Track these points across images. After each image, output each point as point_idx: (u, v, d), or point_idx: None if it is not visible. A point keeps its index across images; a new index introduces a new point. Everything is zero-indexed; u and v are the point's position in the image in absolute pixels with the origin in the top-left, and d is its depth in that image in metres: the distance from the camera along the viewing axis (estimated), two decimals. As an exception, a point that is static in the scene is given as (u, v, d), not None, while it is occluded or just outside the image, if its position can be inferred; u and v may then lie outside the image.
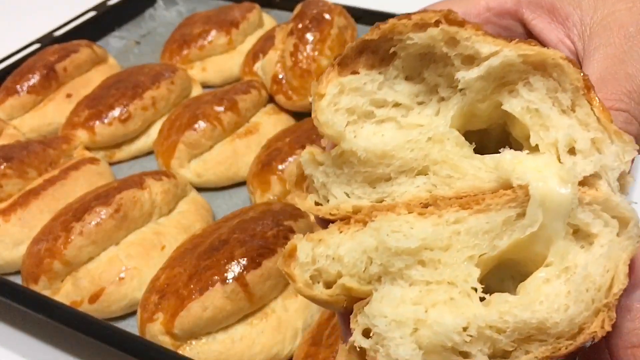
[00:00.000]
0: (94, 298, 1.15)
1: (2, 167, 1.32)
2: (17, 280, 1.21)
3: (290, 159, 1.31)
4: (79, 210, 1.19)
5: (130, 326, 1.13)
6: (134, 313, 1.16)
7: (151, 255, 1.20)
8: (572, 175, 0.44)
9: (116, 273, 1.17)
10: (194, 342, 1.06)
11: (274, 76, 1.53)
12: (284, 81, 1.52)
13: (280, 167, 1.31)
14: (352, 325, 0.47)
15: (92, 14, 1.91)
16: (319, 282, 0.49)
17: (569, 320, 0.43)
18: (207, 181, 1.43)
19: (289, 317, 1.08)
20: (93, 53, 1.71)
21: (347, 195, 0.50)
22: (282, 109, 1.55)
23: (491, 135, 0.52)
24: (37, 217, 1.27)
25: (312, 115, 0.50)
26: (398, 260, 0.46)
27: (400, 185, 0.49)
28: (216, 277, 1.04)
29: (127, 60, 1.85)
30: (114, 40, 1.93)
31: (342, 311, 0.51)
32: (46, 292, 1.16)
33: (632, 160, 0.45)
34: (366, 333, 0.47)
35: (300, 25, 1.53)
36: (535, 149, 0.47)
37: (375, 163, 0.49)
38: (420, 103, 0.50)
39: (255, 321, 1.07)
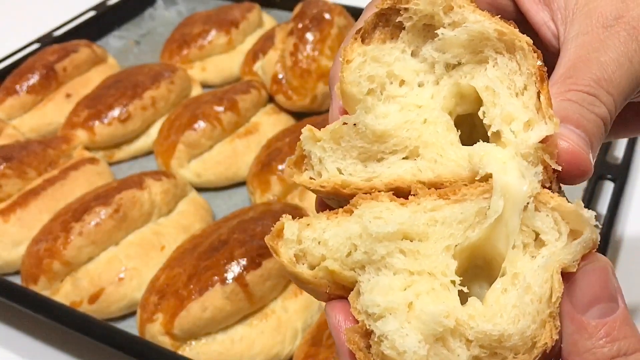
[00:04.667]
0: (93, 298, 1.15)
1: (2, 167, 1.32)
2: (17, 280, 1.20)
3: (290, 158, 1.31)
4: (78, 211, 1.19)
5: (130, 327, 1.13)
6: (133, 313, 1.16)
7: (151, 255, 1.20)
8: (532, 172, 0.47)
9: (116, 273, 1.16)
10: (193, 342, 1.06)
11: (273, 76, 1.53)
12: (283, 81, 1.51)
13: (280, 167, 1.31)
14: (355, 315, 0.49)
15: (91, 13, 1.91)
16: (303, 264, 0.52)
17: (521, 333, 0.45)
18: (206, 181, 1.43)
19: (289, 317, 1.08)
20: (93, 53, 1.71)
21: (340, 171, 0.54)
22: (282, 109, 1.55)
23: (477, 125, 0.55)
24: (36, 217, 1.27)
25: (340, 79, 0.54)
26: (380, 247, 0.49)
27: (390, 167, 0.53)
28: (216, 277, 1.04)
29: (127, 60, 1.85)
30: (114, 40, 1.93)
31: (325, 298, 0.53)
32: (45, 293, 1.16)
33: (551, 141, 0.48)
34: (367, 330, 0.48)
35: (300, 25, 1.52)
36: (498, 138, 0.50)
37: (371, 140, 0.53)
38: (419, 84, 0.55)
39: (255, 322, 1.07)
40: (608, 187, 1.24)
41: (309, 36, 1.50)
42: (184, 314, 1.03)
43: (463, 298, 0.49)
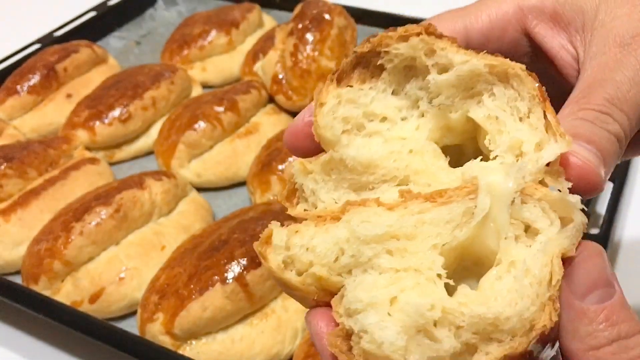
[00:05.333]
0: (94, 298, 1.15)
1: (3, 167, 1.32)
2: (17, 280, 1.21)
3: (290, 159, 1.31)
4: (79, 211, 1.19)
5: (131, 326, 1.13)
6: (134, 313, 1.16)
7: (151, 255, 1.20)
8: (516, 169, 0.48)
9: (116, 273, 1.17)
10: (194, 342, 1.06)
11: (274, 76, 1.53)
12: (284, 81, 1.52)
13: (280, 167, 1.31)
14: (336, 318, 0.49)
15: (92, 14, 1.91)
16: (291, 270, 0.52)
17: (519, 315, 0.45)
18: (207, 181, 1.43)
19: (289, 317, 1.08)
20: (93, 53, 1.71)
21: (335, 201, 0.54)
22: (282, 109, 1.55)
23: (466, 154, 0.57)
24: (37, 217, 1.27)
25: (314, 120, 0.55)
26: (367, 249, 0.50)
27: (383, 195, 0.53)
28: (216, 277, 1.05)
29: (127, 61, 1.85)
30: (114, 41, 1.93)
31: (312, 305, 0.53)
32: (46, 292, 1.17)
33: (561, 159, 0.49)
34: (348, 332, 0.49)
35: (300, 26, 1.53)
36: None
37: (360, 171, 0.54)
38: (403, 119, 0.56)
39: (255, 321, 1.08)
40: (607, 187, 1.24)
41: (309, 36, 1.51)
42: (184, 313, 1.03)
43: (451, 293, 0.49)
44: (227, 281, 1.04)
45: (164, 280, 1.09)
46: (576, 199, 0.47)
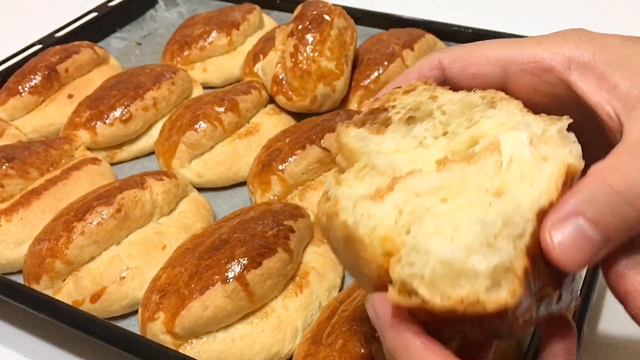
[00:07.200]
0: (95, 297, 1.15)
1: (4, 167, 1.33)
2: (19, 279, 1.21)
3: (290, 159, 1.31)
4: (80, 210, 1.20)
5: (132, 325, 1.14)
6: (135, 312, 1.16)
7: (152, 254, 1.20)
8: (523, 123, 0.60)
9: (117, 272, 1.17)
10: (194, 341, 1.06)
11: (274, 77, 1.53)
12: (284, 82, 1.52)
13: (280, 167, 1.31)
14: (392, 274, 0.54)
15: (93, 15, 1.92)
16: None
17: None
18: (207, 181, 1.43)
19: (289, 316, 1.09)
20: (94, 54, 1.72)
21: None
22: (282, 109, 1.56)
23: None
24: (38, 216, 1.28)
25: (339, 138, 0.63)
26: (424, 200, 0.57)
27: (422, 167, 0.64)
28: (217, 276, 1.05)
29: (128, 61, 1.86)
30: (115, 41, 1.94)
31: (375, 273, 0.56)
32: (48, 292, 1.17)
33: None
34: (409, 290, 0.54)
35: (300, 27, 1.53)
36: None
37: (389, 174, 0.62)
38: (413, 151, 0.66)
39: (255, 320, 1.08)
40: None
41: (309, 37, 1.51)
42: (185, 312, 1.04)
43: None
44: (228, 280, 1.04)
45: (165, 280, 1.10)
46: (571, 134, 0.59)
